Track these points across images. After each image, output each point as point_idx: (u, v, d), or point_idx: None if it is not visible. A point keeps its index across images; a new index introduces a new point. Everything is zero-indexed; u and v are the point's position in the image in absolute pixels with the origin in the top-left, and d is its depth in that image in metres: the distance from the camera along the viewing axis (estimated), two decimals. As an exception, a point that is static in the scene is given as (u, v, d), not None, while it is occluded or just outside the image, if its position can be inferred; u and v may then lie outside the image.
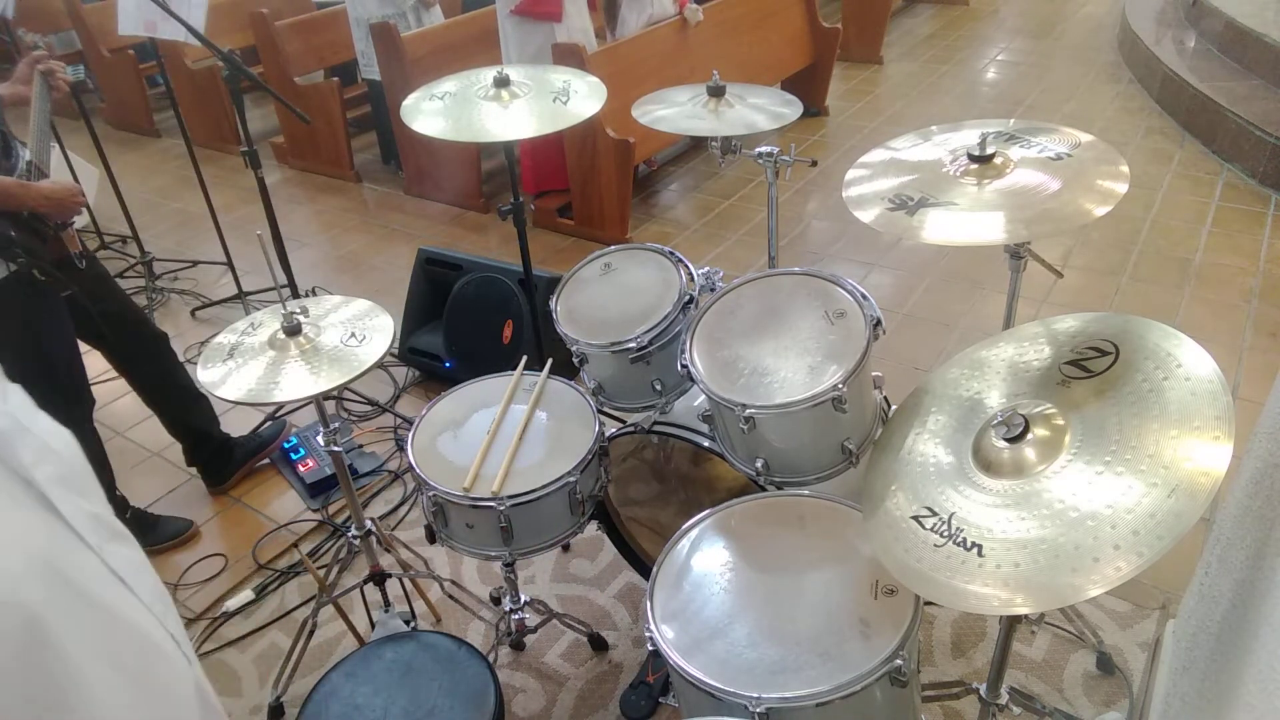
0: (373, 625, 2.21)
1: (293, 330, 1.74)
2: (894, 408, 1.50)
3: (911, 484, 1.27)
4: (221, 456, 2.84)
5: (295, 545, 2.63)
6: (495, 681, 1.57)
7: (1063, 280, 3.48)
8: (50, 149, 2.25)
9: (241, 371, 1.68)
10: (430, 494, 1.74)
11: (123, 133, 6.33)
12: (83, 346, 2.38)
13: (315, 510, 2.76)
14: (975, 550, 1.11)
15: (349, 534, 2.12)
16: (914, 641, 1.28)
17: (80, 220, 4.38)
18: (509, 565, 1.96)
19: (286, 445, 2.97)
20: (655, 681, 2.07)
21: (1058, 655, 2.09)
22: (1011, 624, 1.44)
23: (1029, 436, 1.16)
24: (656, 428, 1.87)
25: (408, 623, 2.21)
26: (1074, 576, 1.02)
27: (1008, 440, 1.17)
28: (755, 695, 1.21)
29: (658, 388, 1.84)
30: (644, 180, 4.88)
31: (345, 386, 1.72)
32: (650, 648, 1.33)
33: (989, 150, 1.59)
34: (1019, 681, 2.02)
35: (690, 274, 1.89)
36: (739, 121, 2.13)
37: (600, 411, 1.88)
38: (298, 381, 1.65)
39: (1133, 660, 2.06)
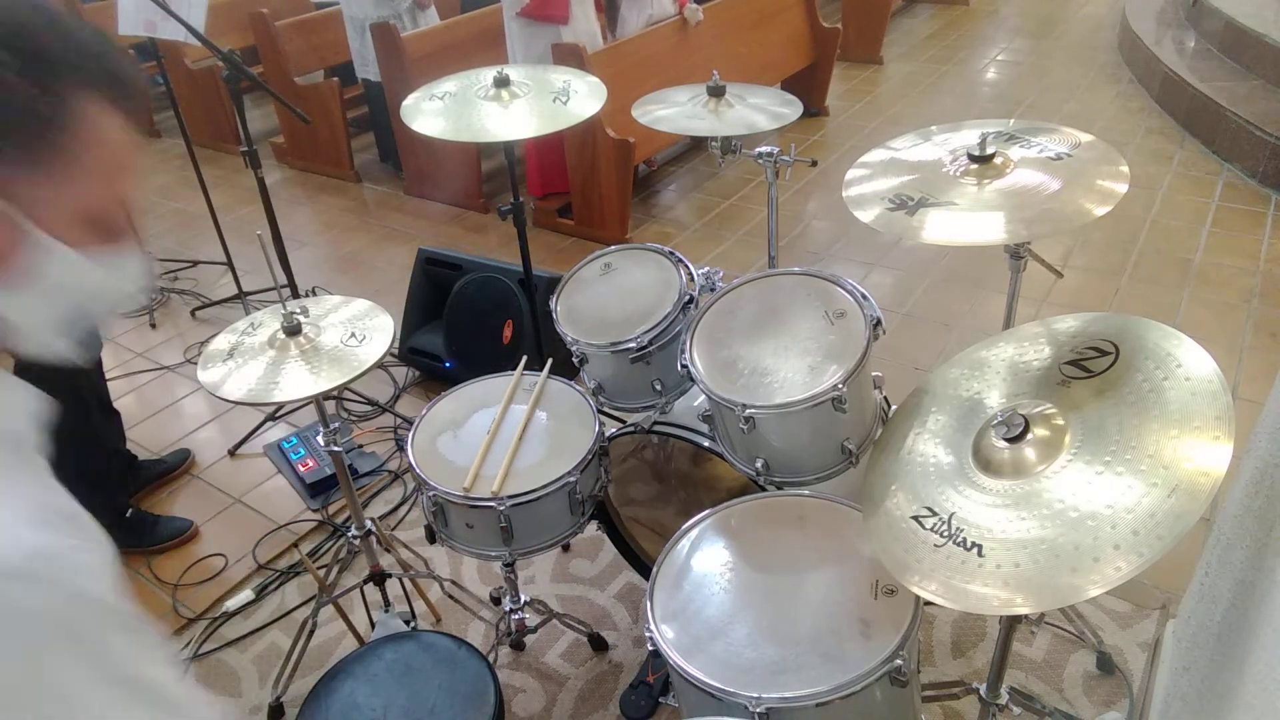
0: (373, 625, 2.21)
1: (293, 330, 1.74)
2: (894, 408, 1.50)
3: (911, 484, 1.27)
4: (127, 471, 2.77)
5: (295, 545, 2.63)
6: (495, 681, 1.57)
7: (1063, 280, 3.48)
8: None
9: (241, 371, 1.68)
10: (430, 494, 1.74)
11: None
12: None
13: (315, 510, 2.76)
14: (975, 550, 1.11)
15: (349, 534, 2.12)
16: (914, 641, 1.28)
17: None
18: (509, 565, 1.96)
19: (286, 445, 2.97)
20: (655, 681, 2.07)
21: (1058, 655, 2.08)
22: (1011, 624, 1.44)
23: (1029, 436, 1.16)
24: (656, 428, 1.87)
25: (408, 623, 2.21)
26: (1074, 576, 1.02)
27: (1008, 440, 1.17)
28: (755, 695, 1.21)
29: (658, 388, 1.84)
30: (644, 180, 4.88)
31: (345, 386, 1.72)
32: (650, 648, 1.33)
33: (989, 150, 1.59)
34: (1019, 681, 2.02)
35: (690, 274, 1.89)
36: (739, 121, 2.13)
37: (600, 411, 1.88)
38: (298, 381, 1.65)
39: (1133, 660, 2.06)
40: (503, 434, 1.84)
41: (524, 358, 2.05)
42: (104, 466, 2.51)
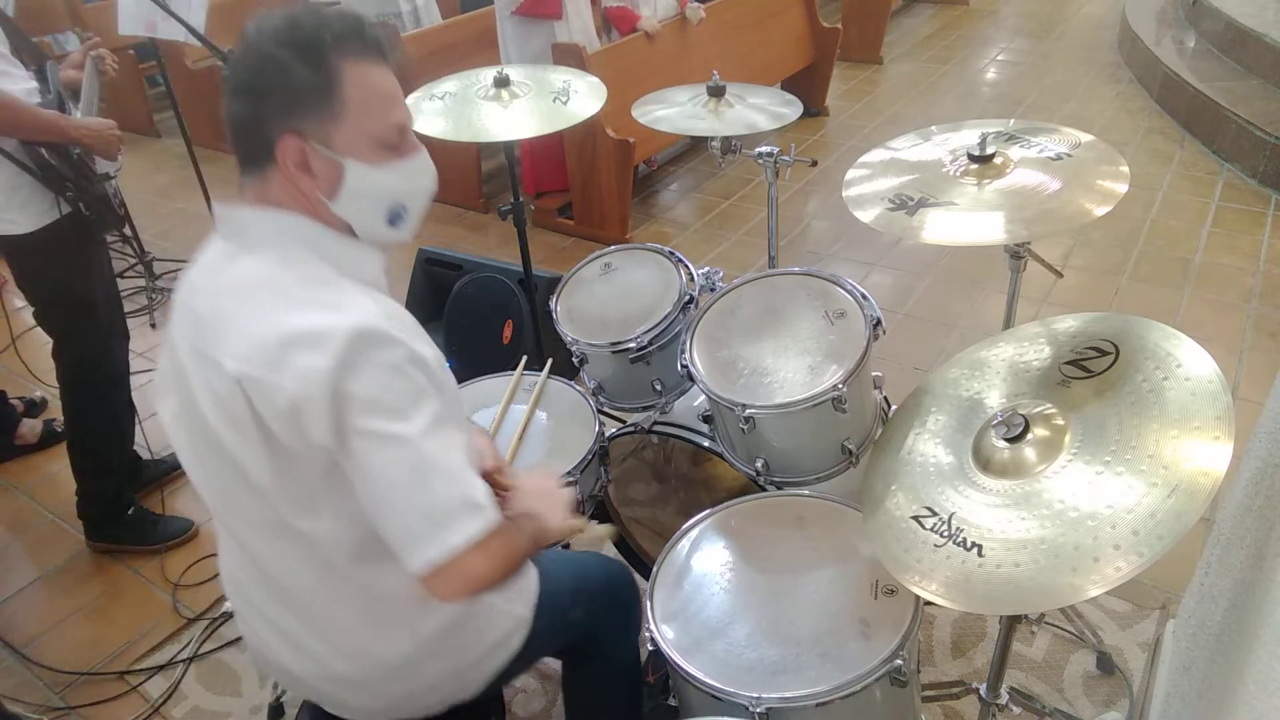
0: (373, 625, 2.21)
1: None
2: (894, 408, 1.50)
3: (911, 484, 1.27)
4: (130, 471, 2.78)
5: (295, 545, 2.63)
6: (495, 681, 1.56)
7: (1063, 280, 3.48)
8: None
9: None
10: (430, 494, 1.74)
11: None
12: None
13: (315, 510, 2.75)
14: (975, 550, 1.11)
15: (349, 534, 2.12)
16: (914, 641, 1.28)
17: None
18: (509, 565, 1.95)
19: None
20: (655, 681, 2.07)
21: (1058, 655, 2.08)
22: (1011, 624, 1.44)
23: (1029, 436, 1.16)
24: (656, 428, 1.87)
25: (408, 623, 2.21)
26: (1074, 576, 1.02)
27: (1008, 440, 1.17)
28: (755, 695, 1.21)
29: (658, 388, 1.84)
30: (644, 180, 4.88)
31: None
32: (650, 648, 1.34)
33: (989, 150, 1.59)
34: (1019, 681, 2.02)
35: (690, 274, 1.89)
36: (739, 121, 2.13)
37: (600, 411, 1.88)
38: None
39: (1133, 660, 2.05)
40: (503, 434, 1.84)
41: (524, 358, 2.05)
42: (120, 453, 2.62)
